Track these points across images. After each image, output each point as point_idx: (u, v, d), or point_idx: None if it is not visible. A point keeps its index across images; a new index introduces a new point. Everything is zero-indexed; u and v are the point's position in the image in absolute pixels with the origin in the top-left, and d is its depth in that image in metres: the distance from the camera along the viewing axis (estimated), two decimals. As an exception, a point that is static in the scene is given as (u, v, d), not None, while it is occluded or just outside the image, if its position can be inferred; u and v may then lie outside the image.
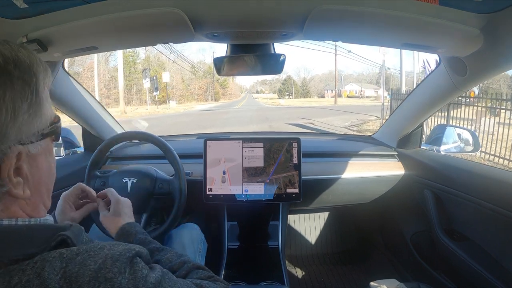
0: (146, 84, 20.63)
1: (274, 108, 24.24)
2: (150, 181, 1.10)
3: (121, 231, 0.73)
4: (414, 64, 10.01)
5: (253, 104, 35.69)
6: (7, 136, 0.38)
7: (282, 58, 1.01)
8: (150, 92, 22.12)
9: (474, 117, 6.39)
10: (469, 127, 6.11)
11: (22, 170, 0.41)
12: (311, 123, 11.37)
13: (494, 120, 6.17)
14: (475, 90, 7.45)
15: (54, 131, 0.46)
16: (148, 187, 1.09)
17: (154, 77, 21.36)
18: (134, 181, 1.08)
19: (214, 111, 20.15)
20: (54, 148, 0.50)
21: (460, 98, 6.45)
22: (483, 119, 6.23)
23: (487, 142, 5.77)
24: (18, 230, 0.40)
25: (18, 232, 0.40)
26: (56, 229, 0.42)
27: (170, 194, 1.09)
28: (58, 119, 0.47)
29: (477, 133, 1.47)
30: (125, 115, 16.44)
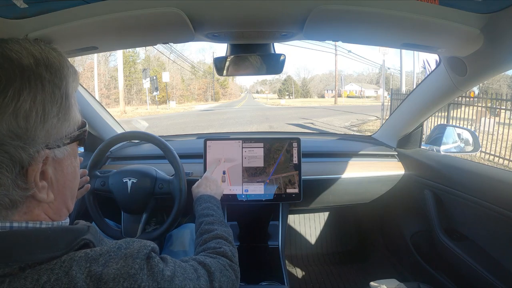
0: (146, 84, 20.53)
1: (274, 108, 24.10)
2: (150, 181, 1.10)
3: (200, 197, 0.92)
4: (414, 64, 9.98)
5: (253, 104, 35.56)
6: (35, 139, 0.38)
7: (282, 58, 1.01)
8: (150, 92, 22.04)
9: (474, 117, 6.40)
10: (469, 127, 6.10)
11: (47, 174, 0.41)
12: (312, 123, 11.40)
13: (494, 120, 6.16)
14: (475, 90, 7.45)
15: (81, 136, 0.46)
16: (148, 187, 1.09)
17: (154, 77, 21.30)
18: (134, 181, 1.08)
19: (214, 111, 19.99)
20: None
21: (460, 98, 6.45)
22: (483, 119, 6.24)
23: (486, 142, 5.79)
24: (43, 233, 0.41)
25: (43, 236, 0.40)
26: (78, 233, 0.43)
27: (170, 194, 1.09)
28: (84, 124, 0.48)
29: (476, 133, 1.47)
30: (125, 115, 16.46)
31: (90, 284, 0.37)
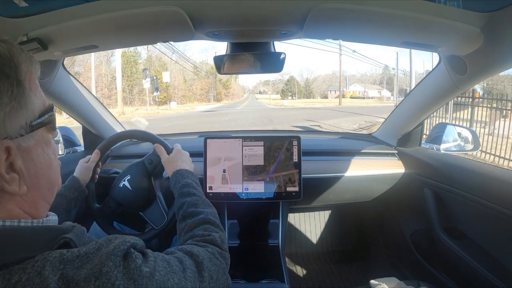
0: (146, 84, 20.21)
1: (277, 109, 23.47)
2: (141, 167, 1.09)
3: (176, 173, 0.86)
4: (425, 64, 9.83)
5: (255, 104, 34.84)
6: None
7: (282, 56, 1.01)
8: (151, 93, 21.66)
9: (487, 120, 6.03)
10: (483, 130, 5.80)
11: (16, 166, 0.40)
12: (318, 125, 11.01)
13: (510, 123, 5.66)
14: (479, 90, 7.23)
15: (47, 121, 0.44)
16: (142, 174, 1.08)
17: (155, 77, 20.95)
18: (129, 177, 1.08)
19: (216, 112, 19.49)
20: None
21: (468, 99, 6.23)
22: (497, 122, 5.83)
23: (501, 146, 5.37)
24: (21, 232, 0.39)
25: (21, 235, 0.39)
26: (59, 231, 0.41)
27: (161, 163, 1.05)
28: (50, 109, 0.45)
29: (492, 137, 1.46)
30: (124, 116, 16.10)
31: (62, 286, 0.36)
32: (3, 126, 0.37)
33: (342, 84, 36.39)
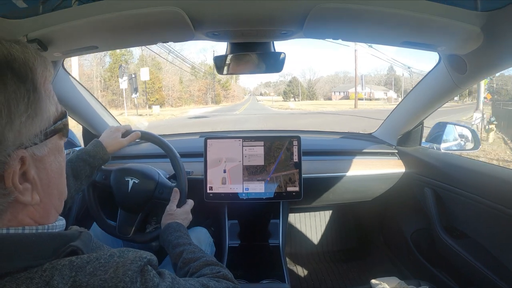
0: (123, 84, 17.01)
1: (285, 115, 19.75)
2: (152, 185, 1.08)
3: (168, 226, 0.87)
4: None
5: (257, 107, 31.53)
6: (4, 143, 0.34)
7: (282, 56, 1.01)
8: (131, 93, 18.25)
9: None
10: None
11: (29, 175, 0.38)
12: None
13: None
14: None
15: (60, 128, 0.43)
16: (148, 190, 1.07)
17: (133, 75, 17.75)
18: (136, 181, 1.07)
19: (207, 119, 16.21)
20: None
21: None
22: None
23: None
24: (25, 239, 0.38)
25: (26, 242, 0.37)
26: (66, 239, 0.40)
27: (168, 200, 1.05)
28: (63, 115, 0.44)
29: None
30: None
31: None
32: (18, 136, 0.36)
33: (357, 83, 30.93)
